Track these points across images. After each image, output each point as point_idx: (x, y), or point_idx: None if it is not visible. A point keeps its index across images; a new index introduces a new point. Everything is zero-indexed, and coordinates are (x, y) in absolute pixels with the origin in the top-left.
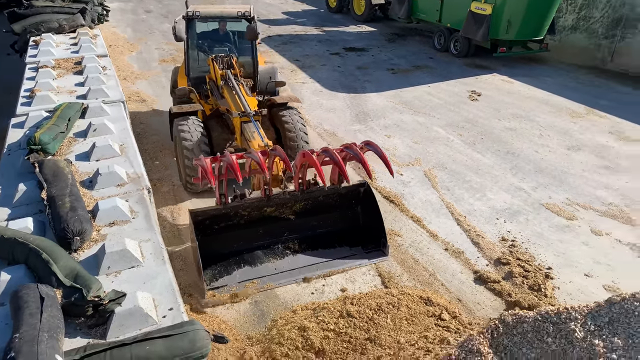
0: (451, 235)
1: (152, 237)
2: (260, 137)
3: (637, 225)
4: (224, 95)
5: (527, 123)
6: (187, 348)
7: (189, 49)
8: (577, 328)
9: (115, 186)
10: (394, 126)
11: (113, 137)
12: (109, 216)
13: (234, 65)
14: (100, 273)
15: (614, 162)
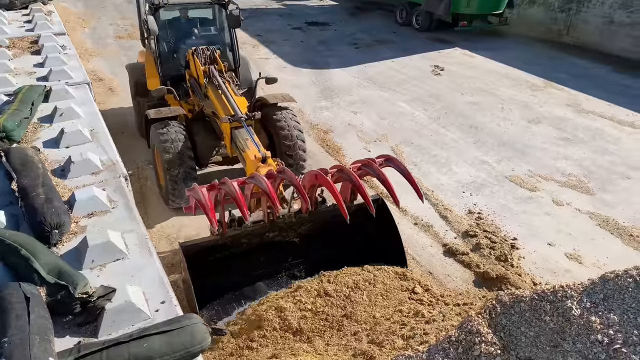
0: (420, 210)
1: (135, 228)
2: (256, 146)
3: (595, 195)
4: (209, 95)
5: (489, 97)
6: (187, 343)
7: (159, 43)
8: (573, 306)
9: (89, 174)
10: (359, 102)
11: (82, 121)
12: (86, 207)
13: (217, 59)
14: (84, 267)
15: (572, 133)
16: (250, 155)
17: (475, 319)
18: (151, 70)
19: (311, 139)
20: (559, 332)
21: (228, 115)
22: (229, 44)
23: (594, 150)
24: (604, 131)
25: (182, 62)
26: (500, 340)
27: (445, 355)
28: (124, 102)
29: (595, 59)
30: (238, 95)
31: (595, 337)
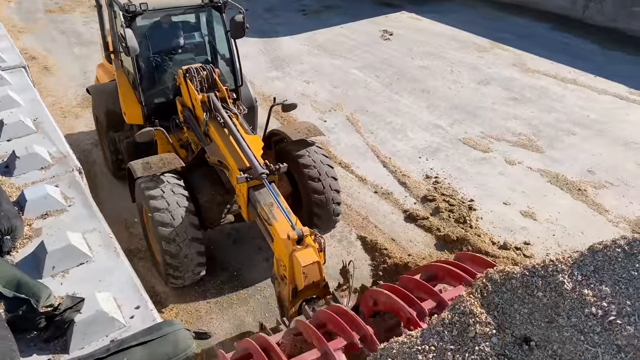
0: (379, 178)
1: (97, 226)
2: (287, 217)
3: (544, 153)
4: (213, 137)
5: (438, 60)
6: (170, 352)
7: (139, 63)
8: (565, 279)
9: (38, 170)
10: (311, 71)
11: (22, 110)
12: (39, 207)
13: (217, 82)
14: (45, 276)
15: (519, 93)
16: (281, 232)
17: (467, 299)
18: (128, 98)
19: (265, 112)
20: (552, 307)
21: (243, 168)
22: (227, 58)
23: (541, 109)
24: (549, 89)
25: (169, 85)
26: (494, 320)
27: (440, 339)
28: (62, 82)
29: (536, 17)
30: (249, 133)
31: (590, 310)
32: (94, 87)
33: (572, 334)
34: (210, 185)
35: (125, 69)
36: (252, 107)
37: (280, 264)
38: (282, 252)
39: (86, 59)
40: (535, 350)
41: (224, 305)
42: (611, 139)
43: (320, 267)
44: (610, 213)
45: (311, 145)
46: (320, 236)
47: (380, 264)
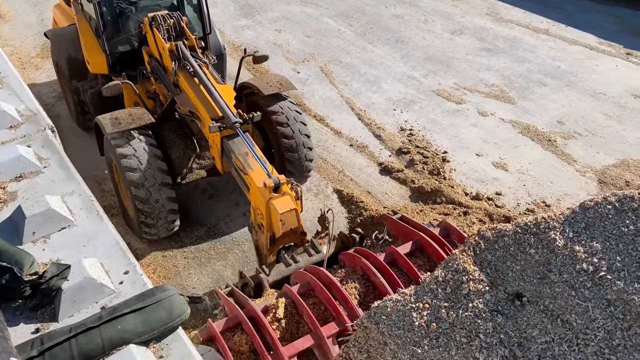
0: (354, 131)
1: (77, 188)
2: (263, 165)
3: (516, 104)
4: (182, 87)
5: (412, 9)
6: (165, 318)
7: (102, 8)
8: (557, 236)
9: (7, 129)
10: (283, 19)
11: None
12: (12, 169)
13: (185, 31)
14: (25, 242)
15: (492, 44)
16: (257, 180)
17: (459, 256)
18: (91, 46)
19: (234, 62)
20: (544, 264)
21: (215, 118)
22: (195, 4)
23: (513, 60)
24: (522, 39)
25: (134, 33)
26: (487, 277)
27: (434, 297)
28: (17, 31)
29: None
30: (220, 82)
31: (581, 266)
32: (53, 32)
33: (563, 290)
34: (180, 138)
35: (87, 14)
36: (220, 56)
37: (258, 213)
38: (259, 201)
39: (43, 6)
40: (527, 305)
41: (202, 261)
42: (580, 90)
43: (297, 214)
44: (578, 163)
45: (284, 100)
46: (297, 184)
47: (357, 217)
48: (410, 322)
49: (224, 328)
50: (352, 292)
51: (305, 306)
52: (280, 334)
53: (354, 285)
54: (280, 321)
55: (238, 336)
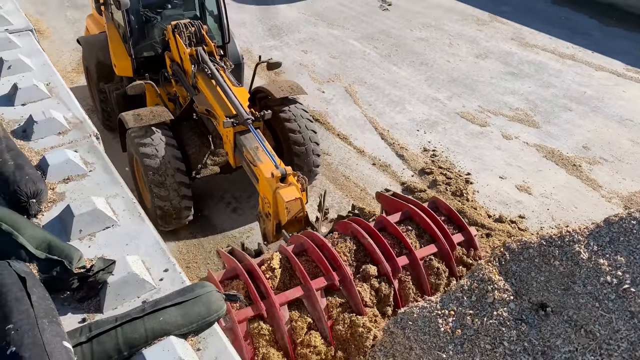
0: (377, 150)
1: (120, 192)
2: (271, 158)
3: (540, 128)
4: (200, 88)
5: (437, 32)
6: (203, 313)
7: (130, 16)
8: (581, 249)
9: (56, 135)
10: (309, 40)
11: (34, 74)
12: (61, 171)
13: (205, 38)
14: (72, 238)
15: (517, 68)
16: (266, 171)
17: (485, 266)
18: (119, 51)
19: (263, 82)
20: (568, 275)
21: (229, 115)
22: (215, 15)
23: (538, 84)
24: (547, 64)
25: (158, 39)
26: (512, 287)
27: (459, 304)
28: (55, 47)
29: None
30: (236, 85)
31: (605, 278)
32: (85, 39)
33: (587, 301)
34: (197, 136)
35: (116, 22)
36: (238, 64)
37: (265, 202)
38: (267, 190)
39: (80, 23)
40: (551, 315)
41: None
42: (606, 116)
43: (302, 203)
44: (603, 189)
45: (294, 103)
46: (303, 177)
47: None
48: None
49: (222, 278)
50: (343, 251)
51: (297, 262)
52: (273, 284)
53: (344, 245)
54: (274, 272)
55: (235, 283)
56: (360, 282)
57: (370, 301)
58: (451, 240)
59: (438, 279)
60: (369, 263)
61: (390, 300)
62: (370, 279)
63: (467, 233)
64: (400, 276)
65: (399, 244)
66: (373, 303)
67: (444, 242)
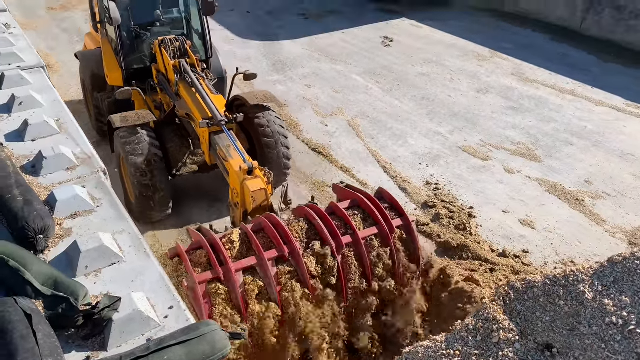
0: (380, 183)
1: (126, 227)
2: (241, 154)
3: (542, 162)
4: (182, 94)
5: (438, 68)
6: (207, 352)
7: (121, 32)
8: (586, 289)
9: (64, 170)
10: (312, 75)
11: (45, 111)
12: (69, 207)
13: (188, 51)
14: (78, 275)
15: (518, 102)
16: (235, 165)
17: (490, 306)
18: (111, 63)
19: None
20: (574, 315)
21: (206, 118)
22: (199, 32)
23: (539, 119)
24: (548, 100)
25: (147, 53)
26: (517, 327)
27: (464, 344)
28: (64, 80)
29: (536, 28)
30: (214, 93)
31: (610, 319)
32: (82, 53)
33: (593, 342)
34: (177, 138)
35: (109, 37)
36: (222, 78)
37: (234, 193)
38: (236, 182)
39: None
40: (557, 356)
41: None
42: (608, 150)
43: (267, 193)
44: (607, 223)
45: (267, 110)
46: (269, 172)
47: None
48: None
49: (188, 249)
50: (295, 230)
51: (253, 235)
52: (232, 254)
53: (297, 225)
54: (233, 244)
55: (199, 252)
56: (308, 255)
57: (316, 272)
58: (391, 224)
59: (378, 257)
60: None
61: (334, 272)
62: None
63: (405, 219)
64: (344, 252)
65: (345, 226)
66: (318, 273)
67: (384, 225)
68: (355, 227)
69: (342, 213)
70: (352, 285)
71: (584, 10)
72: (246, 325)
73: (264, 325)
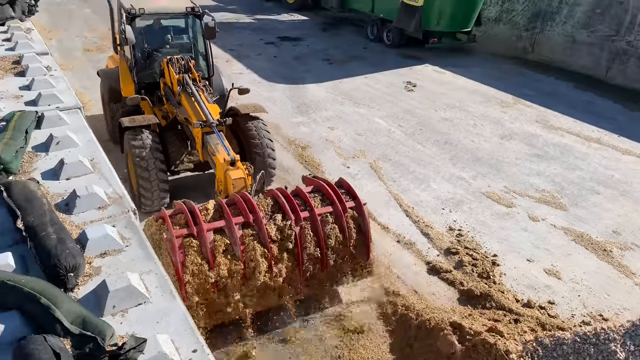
0: (402, 227)
1: (153, 268)
2: (226, 149)
3: (568, 211)
4: (182, 103)
5: (461, 113)
6: None
7: (135, 52)
8: (617, 349)
9: (96, 209)
10: (335, 118)
11: (80, 150)
12: (99, 246)
13: (191, 68)
14: (105, 314)
15: (542, 150)
16: (220, 158)
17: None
18: (126, 78)
19: (290, 155)
20: None
21: (200, 120)
22: (203, 54)
23: (564, 166)
24: (573, 147)
25: (157, 70)
26: None
27: None
28: (96, 119)
29: (560, 76)
30: (211, 102)
31: None
32: (102, 71)
33: None
34: (178, 140)
35: (126, 57)
36: (223, 95)
37: (219, 182)
38: (220, 172)
39: None
40: None
41: None
42: (636, 200)
43: (246, 182)
44: (637, 276)
45: (256, 119)
46: (250, 165)
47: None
48: None
49: (171, 214)
50: (262, 205)
51: (225, 205)
52: (206, 219)
53: (265, 202)
54: (208, 211)
55: (178, 216)
56: (270, 224)
57: (276, 237)
58: (344, 205)
59: (331, 230)
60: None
61: (292, 239)
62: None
63: (357, 201)
64: (302, 224)
65: (305, 204)
66: (277, 239)
67: (338, 205)
68: (313, 205)
69: (304, 195)
70: (308, 252)
71: (609, 60)
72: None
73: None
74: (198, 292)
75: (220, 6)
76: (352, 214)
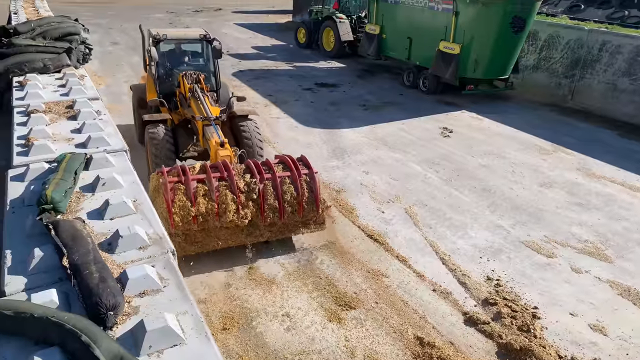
0: (438, 275)
1: (189, 309)
2: (218, 136)
3: (614, 263)
4: (191, 104)
5: (499, 160)
6: None
7: (158, 68)
8: None
9: (137, 249)
10: (371, 162)
11: (124, 191)
12: (139, 285)
13: (200, 80)
14: (142, 354)
15: (584, 198)
16: (213, 141)
17: None
18: (151, 89)
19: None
20: None
21: (201, 116)
22: (212, 71)
23: (608, 216)
24: (617, 197)
25: (174, 82)
26: None
27: None
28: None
29: (600, 123)
30: (213, 105)
31: None
32: (134, 85)
33: None
34: (186, 134)
35: (151, 73)
36: (228, 105)
37: (212, 159)
38: (212, 152)
39: None
40: None
41: None
42: None
43: (231, 159)
44: None
45: (250, 120)
46: (236, 148)
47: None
48: None
49: (168, 170)
50: (237, 169)
51: (207, 165)
52: (193, 173)
53: (239, 167)
54: (195, 169)
55: (173, 171)
56: (240, 180)
57: (244, 189)
58: (299, 171)
59: (287, 188)
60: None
61: (256, 192)
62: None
63: (310, 170)
64: (265, 183)
65: (270, 170)
66: (245, 190)
67: (295, 171)
68: (275, 171)
69: (270, 164)
70: (268, 203)
71: None
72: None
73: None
74: (182, 222)
75: (260, 54)
76: (305, 179)
